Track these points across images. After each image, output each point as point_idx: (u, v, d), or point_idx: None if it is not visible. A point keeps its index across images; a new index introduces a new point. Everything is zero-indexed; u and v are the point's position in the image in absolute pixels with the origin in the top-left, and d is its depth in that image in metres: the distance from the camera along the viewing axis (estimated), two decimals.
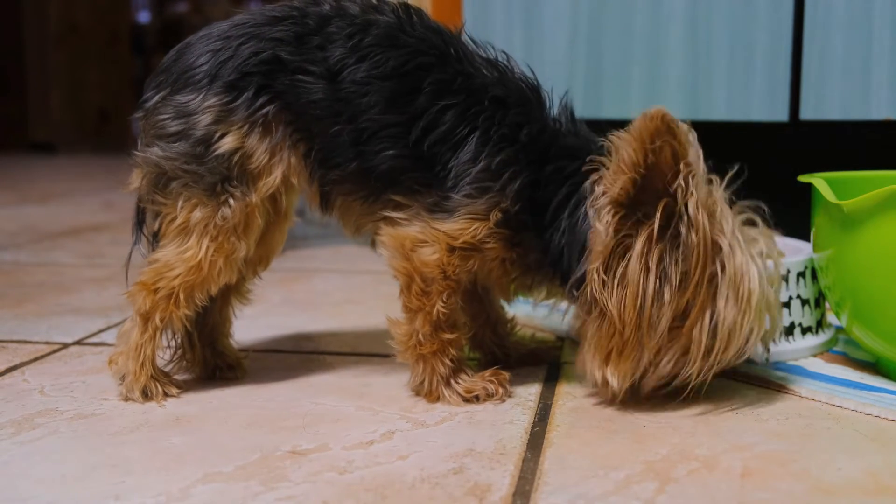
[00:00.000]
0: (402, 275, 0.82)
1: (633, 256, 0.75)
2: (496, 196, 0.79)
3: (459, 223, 0.79)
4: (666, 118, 0.73)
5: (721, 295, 0.76)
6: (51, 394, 0.86)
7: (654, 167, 0.74)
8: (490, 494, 0.63)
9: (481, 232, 0.80)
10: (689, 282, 0.75)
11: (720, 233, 0.76)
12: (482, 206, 0.79)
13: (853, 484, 0.65)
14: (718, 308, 0.76)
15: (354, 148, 0.81)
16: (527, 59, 1.44)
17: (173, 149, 0.81)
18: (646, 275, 0.75)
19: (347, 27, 0.81)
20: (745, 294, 0.76)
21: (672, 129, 0.73)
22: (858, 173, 0.98)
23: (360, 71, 0.80)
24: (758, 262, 0.78)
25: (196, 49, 0.83)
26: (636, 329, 0.77)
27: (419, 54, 0.81)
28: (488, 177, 0.79)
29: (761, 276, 0.78)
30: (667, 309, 0.76)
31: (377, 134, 0.80)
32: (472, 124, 0.79)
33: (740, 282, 0.76)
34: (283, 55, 0.81)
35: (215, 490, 0.64)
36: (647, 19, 1.38)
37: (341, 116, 0.81)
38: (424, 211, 0.81)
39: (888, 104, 1.24)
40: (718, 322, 0.77)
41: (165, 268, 0.82)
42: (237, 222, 0.82)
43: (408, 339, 0.83)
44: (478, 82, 0.81)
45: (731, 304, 0.76)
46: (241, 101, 0.80)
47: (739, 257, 0.77)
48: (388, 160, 0.80)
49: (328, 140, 0.82)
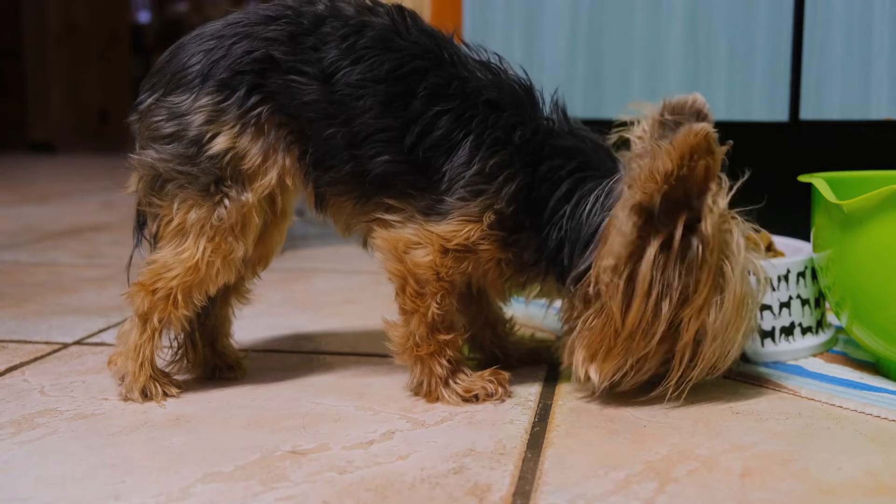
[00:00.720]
0: (397, 277, 0.82)
1: (645, 262, 0.76)
2: (490, 198, 0.79)
3: (453, 225, 0.80)
4: (709, 137, 0.73)
5: (715, 316, 0.78)
6: (51, 394, 0.86)
7: (684, 180, 0.74)
8: (490, 494, 0.63)
9: (474, 234, 0.80)
10: (691, 298, 0.77)
11: (729, 255, 0.78)
12: (475, 209, 0.79)
13: (853, 484, 0.65)
14: (709, 327, 0.78)
15: (348, 151, 0.81)
16: (527, 59, 1.45)
17: (167, 150, 0.81)
18: (653, 283, 0.76)
19: (342, 28, 0.81)
20: (738, 320, 0.78)
21: (711, 148, 0.74)
22: (858, 173, 0.98)
23: (355, 73, 0.80)
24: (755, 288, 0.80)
25: (189, 49, 0.83)
26: (630, 333, 0.77)
27: (414, 58, 0.81)
28: (482, 179, 0.79)
29: (755, 304, 0.80)
30: (663, 320, 0.77)
31: (371, 137, 0.80)
32: (467, 129, 0.80)
33: (737, 308, 0.78)
34: (277, 54, 0.81)
35: (215, 490, 0.64)
36: (647, 19, 1.38)
37: (336, 119, 0.81)
38: (418, 214, 0.81)
39: (888, 104, 1.24)
40: (706, 340, 0.78)
41: (163, 269, 0.82)
42: (233, 223, 0.82)
43: (405, 341, 0.83)
44: (472, 86, 0.81)
45: (721, 327, 0.78)
46: (232, 100, 0.80)
47: (743, 286, 0.78)
48: (382, 165, 0.80)
49: (322, 142, 0.82)
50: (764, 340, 0.95)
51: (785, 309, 0.95)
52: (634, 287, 0.76)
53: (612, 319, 0.77)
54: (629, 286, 0.77)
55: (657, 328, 0.77)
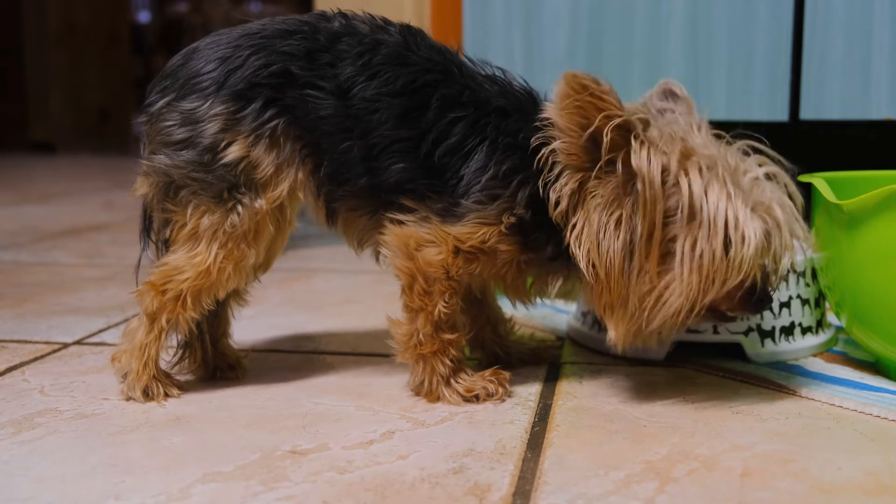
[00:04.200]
0: (405, 274, 0.82)
1: (594, 209, 0.76)
2: (507, 202, 0.80)
3: (469, 227, 0.80)
4: (572, 78, 0.74)
5: (690, 245, 0.75)
6: (51, 393, 0.86)
7: (583, 125, 0.75)
8: (490, 494, 0.63)
9: (491, 237, 0.80)
10: (647, 229, 0.75)
11: (689, 180, 0.75)
12: (493, 212, 0.80)
13: (853, 484, 0.65)
14: (685, 257, 0.75)
15: (364, 164, 0.82)
16: (527, 59, 1.45)
17: (181, 157, 0.81)
18: (611, 227, 0.76)
19: (357, 45, 0.82)
20: (721, 227, 0.74)
21: (583, 84, 0.74)
22: (858, 173, 0.99)
23: (371, 88, 0.81)
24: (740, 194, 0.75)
25: (203, 55, 0.83)
26: (616, 280, 0.77)
27: (426, 72, 0.82)
28: (497, 184, 0.80)
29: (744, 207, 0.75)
30: (637, 257, 0.76)
31: (388, 149, 0.81)
32: (482, 134, 0.81)
33: (713, 219, 0.74)
34: (294, 69, 0.82)
35: (215, 490, 0.64)
36: (647, 19, 1.38)
37: (352, 133, 0.82)
38: (433, 215, 0.81)
39: (888, 104, 1.24)
40: (683, 269, 0.75)
41: (175, 271, 0.83)
42: (246, 229, 0.82)
43: (408, 339, 0.83)
44: (483, 95, 0.82)
45: (697, 254, 0.74)
46: (248, 111, 0.81)
47: (718, 205, 0.74)
48: (397, 173, 0.81)
49: (338, 156, 0.83)
50: (764, 340, 0.95)
51: (785, 309, 0.95)
52: (594, 235, 0.76)
53: (595, 273, 0.77)
54: (592, 237, 0.77)
55: (634, 266, 0.76)
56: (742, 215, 0.74)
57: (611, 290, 0.77)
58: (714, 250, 0.74)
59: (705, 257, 0.74)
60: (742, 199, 0.75)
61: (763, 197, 0.76)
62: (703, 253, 0.74)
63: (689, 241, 0.75)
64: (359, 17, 0.85)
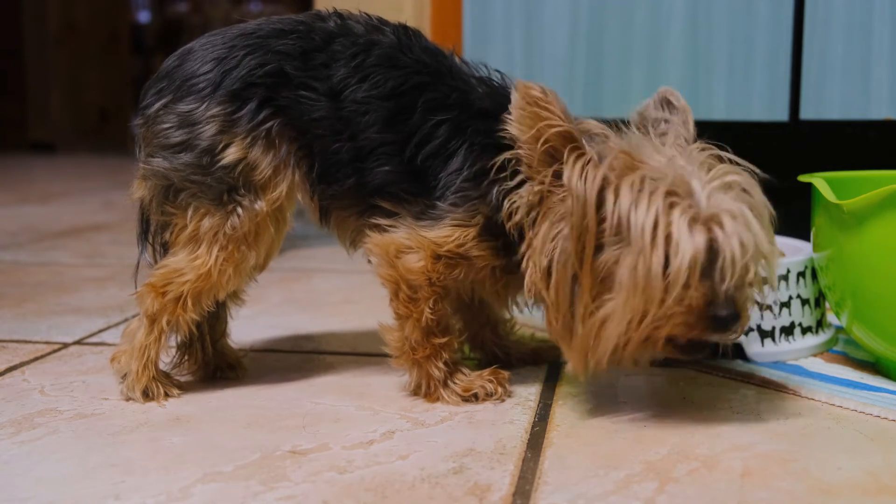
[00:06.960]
0: (389, 282, 0.82)
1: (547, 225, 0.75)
2: (477, 203, 0.80)
3: (445, 230, 0.80)
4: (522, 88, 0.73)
5: (622, 270, 0.70)
6: (51, 393, 0.86)
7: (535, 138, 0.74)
8: (490, 494, 0.63)
9: (466, 239, 0.80)
10: (577, 248, 0.71)
11: (614, 189, 0.71)
12: (465, 214, 0.80)
13: (853, 484, 0.65)
14: (619, 282, 0.70)
15: (353, 165, 0.82)
16: (527, 59, 1.45)
17: (179, 160, 0.81)
18: (556, 245, 0.74)
19: (351, 46, 0.82)
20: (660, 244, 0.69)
21: (531, 96, 0.73)
22: (858, 173, 0.99)
23: (361, 91, 0.81)
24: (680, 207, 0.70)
25: (199, 56, 0.83)
26: (562, 304, 0.74)
27: (416, 74, 0.82)
28: (469, 185, 0.80)
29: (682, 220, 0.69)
30: (563, 284, 0.73)
31: (375, 151, 0.81)
32: (463, 137, 0.81)
33: (643, 236, 0.69)
34: (289, 69, 0.82)
35: (215, 490, 0.64)
36: (647, 19, 1.38)
37: (342, 135, 0.82)
38: (411, 218, 0.81)
39: (888, 104, 1.24)
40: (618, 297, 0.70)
41: (175, 273, 0.83)
42: (247, 231, 0.82)
43: (401, 345, 0.84)
44: (470, 97, 0.82)
45: (632, 281, 0.69)
46: (243, 111, 0.81)
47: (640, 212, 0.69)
48: (382, 175, 0.81)
49: (328, 157, 0.83)
50: (764, 340, 0.95)
51: (785, 309, 0.95)
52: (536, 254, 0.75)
53: (546, 301, 0.75)
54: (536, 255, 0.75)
55: (569, 287, 0.73)
56: (677, 228, 0.69)
57: (558, 314, 0.75)
58: (649, 268, 0.69)
59: (640, 277, 0.69)
60: (680, 212, 0.69)
61: (715, 208, 0.70)
62: (639, 273, 0.69)
63: (628, 261, 0.70)
64: (354, 17, 0.85)
